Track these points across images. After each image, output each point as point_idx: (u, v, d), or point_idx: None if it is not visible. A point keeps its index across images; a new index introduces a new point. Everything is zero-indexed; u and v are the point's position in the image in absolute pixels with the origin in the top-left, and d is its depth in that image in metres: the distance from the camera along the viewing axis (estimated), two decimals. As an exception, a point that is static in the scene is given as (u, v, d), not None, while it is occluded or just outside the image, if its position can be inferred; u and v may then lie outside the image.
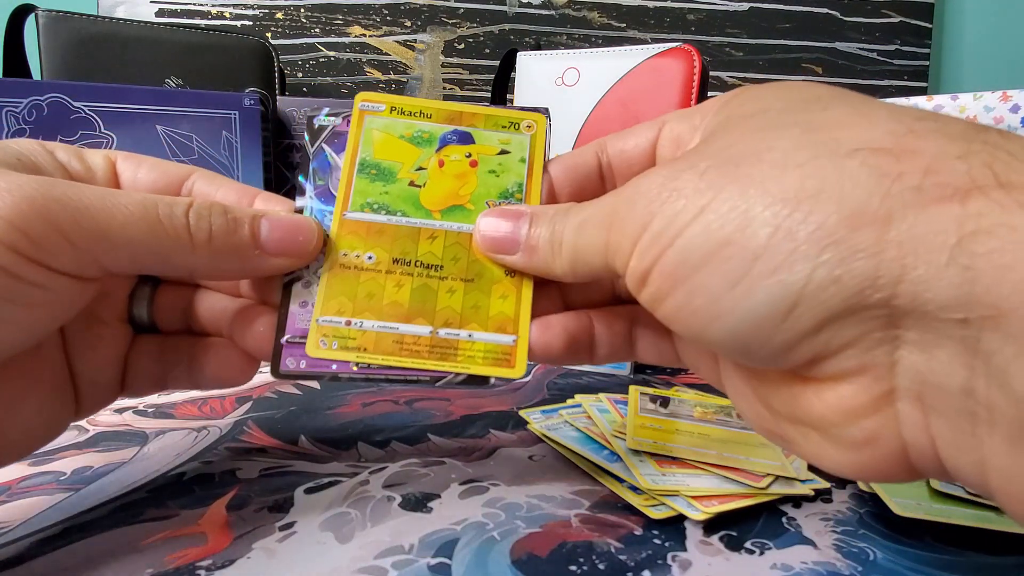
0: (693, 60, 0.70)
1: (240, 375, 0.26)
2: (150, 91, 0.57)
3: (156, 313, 0.26)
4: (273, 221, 0.23)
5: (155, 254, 0.21)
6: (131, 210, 0.20)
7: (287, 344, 0.24)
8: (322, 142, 0.26)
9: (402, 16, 0.93)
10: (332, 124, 0.26)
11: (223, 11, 0.89)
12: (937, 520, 0.25)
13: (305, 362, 0.23)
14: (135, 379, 0.26)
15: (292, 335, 0.24)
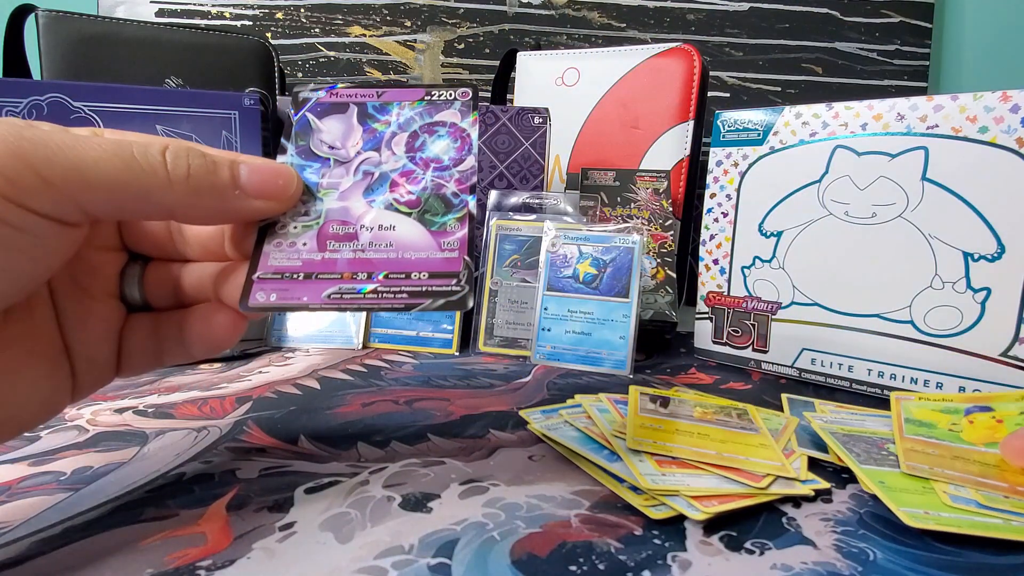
0: (693, 60, 0.71)
1: (226, 333, 0.26)
2: (150, 91, 0.57)
3: (147, 291, 0.27)
4: (252, 165, 0.23)
5: (133, 192, 0.21)
6: (105, 147, 0.20)
7: (258, 280, 0.24)
8: (305, 111, 0.28)
9: (402, 16, 0.93)
10: (315, 96, 0.28)
11: (223, 11, 0.89)
12: (947, 530, 0.25)
13: (276, 295, 0.24)
14: (131, 356, 0.26)
15: (264, 271, 0.24)
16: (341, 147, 0.27)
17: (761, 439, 0.33)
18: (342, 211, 0.25)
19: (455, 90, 0.28)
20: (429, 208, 0.25)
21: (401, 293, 0.23)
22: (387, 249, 0.24)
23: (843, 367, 0.46)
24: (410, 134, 0.27)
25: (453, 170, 0.26)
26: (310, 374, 0.47)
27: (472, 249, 0.25)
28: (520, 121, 0.67)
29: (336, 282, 0.24)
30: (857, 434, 0.34)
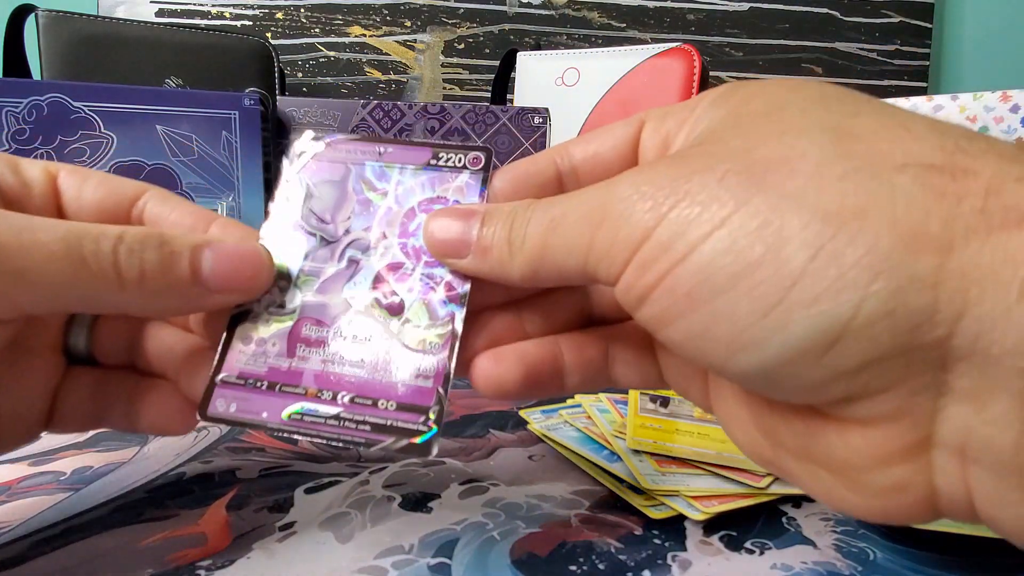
0: (693, 60, 0.71)
1: (180, 425, 0.23)
2: (150, 91, 0.57)
3: (95, 344, 0.24)
4: (218, 252, 0.20)
5: (79, 296, 0.19)
6: (52, 248, 0.17)
7: (221, 384, 0.21)
8: (300, 168, 0.24)
9: (402, 16, 0.93)
10: (313, 149, 0.24)
11: (223, 11, 0.89)
12: (950, 532, 0.25)
13: (236, 405, 0.21)
14: (64, 415, 0.23)
15: (228, 374, 0.21)
16: (330, 222, 0.23)
17: (761, 439, 0.33)
18: (319, 308, 0.22)
19: (466, 154, 0.23)
20: (412, 317, 0.22)
21: (364, 424, 0.20)
22: (358, 364, 0.21)
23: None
24: (406, 212, 0.23)
25: (446, 269, 0.22)
26: (310, 374, 0.47)
27: (448, 380, 0.21)
28: (520, 121, 0.67)
29: (299, 399, 0.21)
30: (857, 434, 0.34)
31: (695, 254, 0.15)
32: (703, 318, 0.15)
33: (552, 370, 0.21)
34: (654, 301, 0.16)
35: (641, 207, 0.16)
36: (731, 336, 0.15)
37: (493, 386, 0.21)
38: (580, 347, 0.22)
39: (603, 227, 0.17)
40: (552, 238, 0.18)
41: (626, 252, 0.16)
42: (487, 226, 0.20)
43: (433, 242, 0.21)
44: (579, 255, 0.18)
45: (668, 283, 0.16)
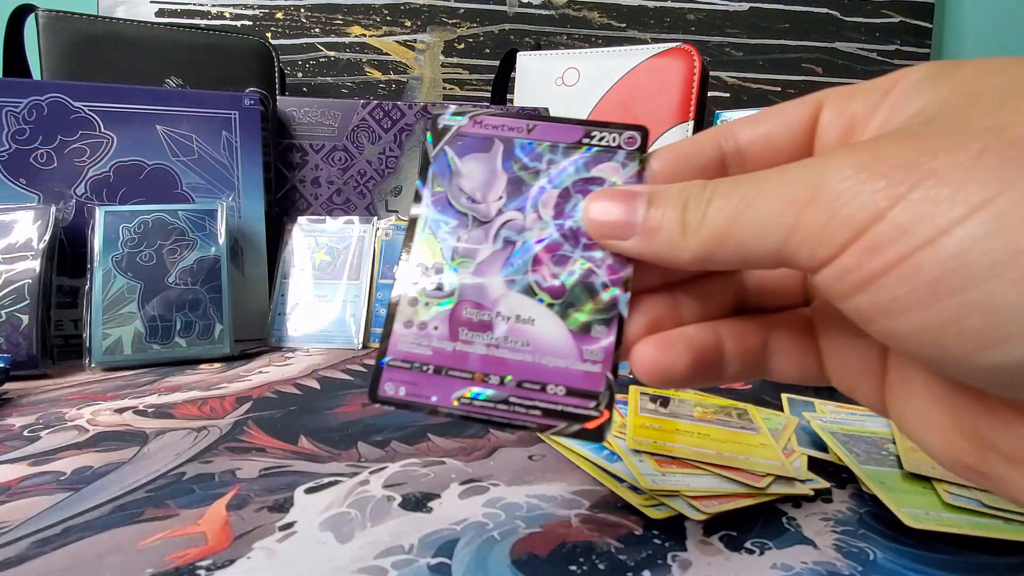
0: (693, 60, 0.71)
1: None
2: (150, 91, 0.57)
3: None
4: None
5: None
6: None
7: (387, 367, 0.21)
8: (444, 144, 0.23)
9: (402, 16, 0.93)
10: (457, 124, 0.23)
11: (223, 11, 0.89)
12: (948, 531, 0.25)
13: (404, 389, 0.21)
14: None
15: (393, 357, 0.21)
16: (482, 200, 0.23)
17: (761, 439, 0.33)
18: (477, 290, 0.22)
19: (620, 134, 0.22)
20: (574, 301, 0.21)
21: (534, 409, 0.20)
22: (523, 349, 0.21)
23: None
24: (561, 192, 0.22)
25: (606, 252, 0.21)
26: (310, 374, 0.47)
27: (616, 364, 0.20)
28: (520, 121, 0.67)
29: (467, 383, 0.21)
30: (857, 434, 0.34)
31: (947, 238, 0.13)
32: (949, 309, 0.14)
33: (715, 358, 0.21)
34: (881, 288, 0.15)
35: (872, 186, 0.14)
36: (986, 328, 0.13)
37: (662, 373, 0.20)
38: (740, 334, 0.21)
39: (814, 206, 0.15)
40: (742, 218, 0.17)
41: (847, 234, 0.15)
42: (655, 207, 0.19)
43: (594, 224, 0.20)
44: (776, 236, 0.16)
45: (905, 269, 0.14)
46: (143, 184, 0.57)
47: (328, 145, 0.67)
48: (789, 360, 0.21)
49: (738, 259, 0.17)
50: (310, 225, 0.62)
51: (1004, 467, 0.16)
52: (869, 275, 0.15)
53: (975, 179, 0.13)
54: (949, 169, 0.14)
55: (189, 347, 0.50)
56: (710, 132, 0.21)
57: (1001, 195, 0.13)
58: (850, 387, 0.20)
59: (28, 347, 0.46)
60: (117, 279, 0.50)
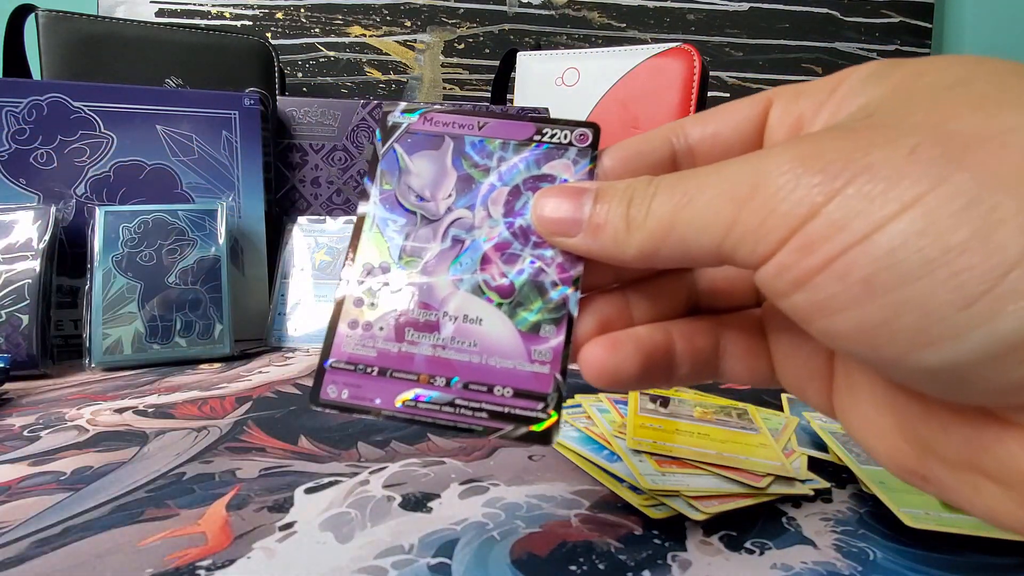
0: (693, 60, 0.71)
1: None
2: (150, 91, 0.57)
3: None
4: None
5: None
6: None
7: (331, 369, 0.21)
8: (394, 142, 0.23)
9: (402, 16, 0.93)
10: (407, 121, 0.23)
11: (223, 11, 0.89)
12: (948, 531, 0.25)
13: (348, 392, 0.21)
14: None
15: (337, 359, 0.21)
16: (431, 199, 0.22)
17: (761, 439, 0.33)
18: (425, 290, 0.21)
19: (572, 131, 0.22)
20: (523, 300, 0.21)
21: (480, 411, 0.20)
22: (470, 349, 0.21)
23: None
24: (511, 189, 0.22)
25: (556, 250, 0.21)
26: (310, 374, 0.47)
27: (566, 364, 0.20)
28: (520, 121, 0.67)
29: (412, 385, 0.20)
30: (857, 434, 0.34)
31: (880, 235, 0.13)
32: (882, 307, 0.14)
33: (665, 359, 0.20)
34: (816, 287, 0.14)
35: (807, 181, 0.14)
36: (919, 328, 0.13)
37: (608, 375, 0.19)
38: (691, 335, 0.21)
39: (753, 202, 0.15)
40: (683, 213, 0.17)
41: (783, 230, 0.15)
42: (600, 203, 0.19)
43: (542, 221, 0.20)
44: (716, 233, 0.16)
45: (839, 267, 0.14)
46: (143, 184, 0.57)
47: (328, 145, 0.67)
48: (740, 361, 0.21)
49: (681, 256, 0.17)
50: (310, 225, 0.62)
51: (944, 472, 0.16)
52: (805, 273, 0.14)
53: (908, 175, 0.13)
54: (883, 164, 0.14)
55: (189, 347, 0.50)
56: (662, 129, 0.21)
57: (932, 192, 0.13)
58: (799, 389, 0.20)
59: (28, 347, 0.46)
60: (117, 279, 0.50)
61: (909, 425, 0.17)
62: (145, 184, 0.57)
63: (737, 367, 0.21)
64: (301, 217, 0.63)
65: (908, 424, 0.17)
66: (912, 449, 0.17)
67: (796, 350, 0.20)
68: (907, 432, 0.17)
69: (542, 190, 0.21)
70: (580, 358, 0.20)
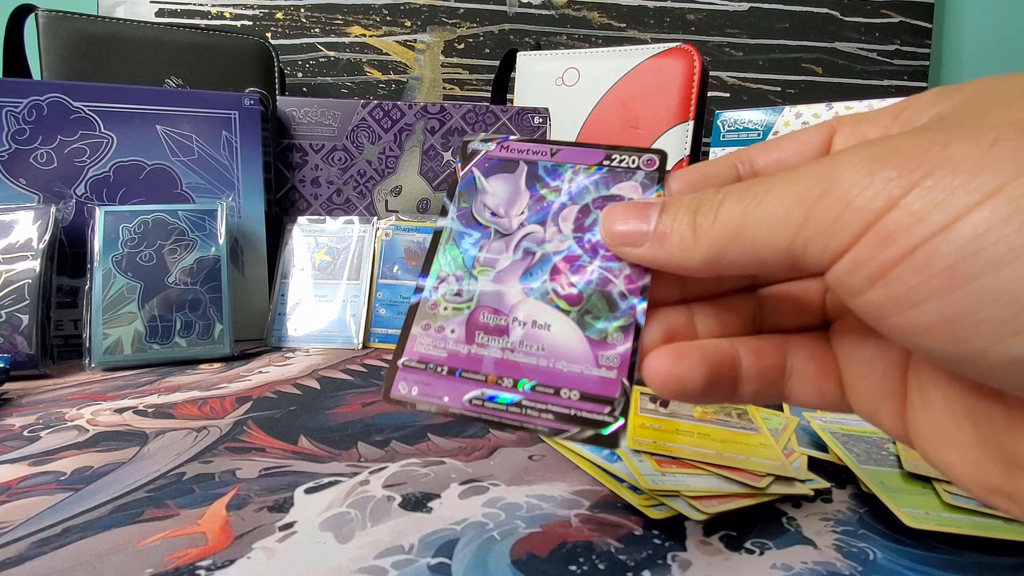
0: (693, 60, 0.71)
1: None
2: (150, 91, 0.57)
3: None
4: None
5: None
6: None
7: (403, 367, 0.22)
8: (472, 166, 0.25)
9: (402, 16, 0.93)
10: (485, 149, 0.25)
11: (223, 11, 0.89)
12: (948, 531, 0.25)
13: (418, 389, 0.22)
14: None
15: (409, 358, 0.22)
16: (504, 215, 0.24)
17: (761, 439, 0.33)
18: (496, 296, 0.22)
19: (639, 156, 0.23)
20: (591, 308, 0.21)
21: (547, 412, 0.20)
22: (538, 353, 0.21)
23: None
24: (581, 208, 0.23)
25: (624, 262, 0.22)
26: (310, 374, 0.47)
27: (633, 371, 0.20)
28: (520, 121, 0.67)
29: (479, 385, 0.21)
30: (857, 434, 0.34)
31: (961, 224, 0.13)
32: (965, 297, 0.13)
33: (731, 373, 0.20)
34: (895, 280, 0.14)
35: (884, 175, 0.14)
36: (1004, 318, 0.13)
37: (674, 384, 0.19)
38: (759, 352, 0.20)
39: (826, 199, 0.15)
40: (752, 215, 0.17)
41: (859, 224, 0.14)
42: (667, 213, 0.19)
43: (610, 233, 0.21)
44: (787, 232, 0.16)
45: (920, 257, 0.14)
46: (143, 184, 0.57)
47: (328, 145, 0.67)
48: (808, 383, 0.21)
49: (749, 259, 0.17)
50: (310, 225, 0.62)
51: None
52: (882, 266, 0.14)
53: (989, 166, 0.13)
54: (962, 158, 0.13)
55: (189, 347, 0.50)
56: (728, 156, 0.21)
57: (1015, 180, 0.13)
58: (871, 412, 0.20)
59: (28, 347, 0.46)
60: (117, 279, 0.50)
61: (992, 435, 0.16)
62: (145, 184, 0.57)
63: (805, 388, 0.21)
64: (301, 217, 0.63)
65: (991, 435, 0.16)
66: (996, 464, 0.16)
67: (868, 368, 0.20)
68: (990, 444, 0.16)
69: (610, 205, 0.22)
70: (645, 366, 0.20)
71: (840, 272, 0.15)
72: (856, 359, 0.20)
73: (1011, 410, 0.15)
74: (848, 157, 0.15)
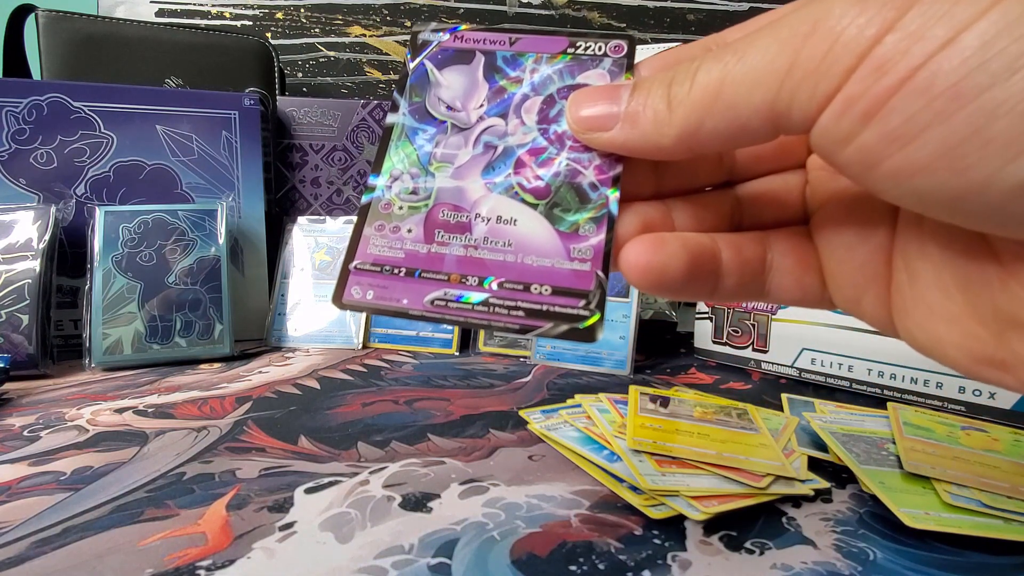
0: (693, 60, 0.71)
1: None
2: (150, 91, 0.57)
3: None
4: None
5: None
6: None
7: (355, 271, 0.20)
8: (424, 57, 0.23)
9: (402, 16, 0.93)
10: (437, 39, 0.23)
11: (223, 11, 0.89)
12: (947, 530, 0.25)
13: (373, 292, 0.20)
14: None
15: (362, 260, 0.21)
16: (461, 108, 0.22)
17: (761, 439, 0.33)
18: (455, 193, 0.21)
19: (606, 43, 0.22)
20: (560, 200, 0.20)
21: (516, 310, 0.19)
22: (504, 249, 0.20)
23: (843, 367, 0.46)
24: (545, 98, 0.22)
25: (594, 152, 0.20)
26: (310, 374, 0.47)
27: (608, 263, 0.19)
28: (520, 121, 0.67)
29: (441, 284, 0.20)
30: (857, 434, 0.34)
31: (968, 34, 0.12)
32: (973, 115, 0.12)
33: (712, 265, 0.19)
34: (892, 112, 0.13)
35: (876, 1, 0.13)
36: (1013, 135, 0.12)
37: (654, 273, 0.18)
38: (738, 247, 0.20)
39: (813, 38, 0.14)
40: (732, 72, 0.15)
41: (851, 56, 0.13)
42: (639, 91, 0.18)
43: (577, 117, 0.20)
44: (770, 84, 0.14)
45: (921, 80, 0.12)
46: (143, 184, 0.57)
47: (328, 145, 0.67)
48: (788, 276, 0.20)
49: (730, 126, 0.16)
50: (310, 225, 0.62)
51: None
52: (877, 99, 0.13)
53: None
54: None
55: (189, 347, 0.50)
56: (701, 40, 0.20)
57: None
58: (854, 301, 0.19)
59: (28, 347, 0.46)
60: (117, 279, 0.50)
61: (985, 298, 0.15)
62: (145, 184, 0.57)
63: (786, 282, 0.20)
64: (301, 217, 0.63)
65: (983, 297, 0.15)
66: (988, 331, 0.15)
67: (851, 254, 0.19)
68: (982, 308, 0.15)
69: (577, 91, 0.20)
70: (623, 256, 0.19)
71: (829, 120, 0.14)
72: (837, 246, 0.19)
73: (1005, 265, 0.15)
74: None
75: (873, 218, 0.18)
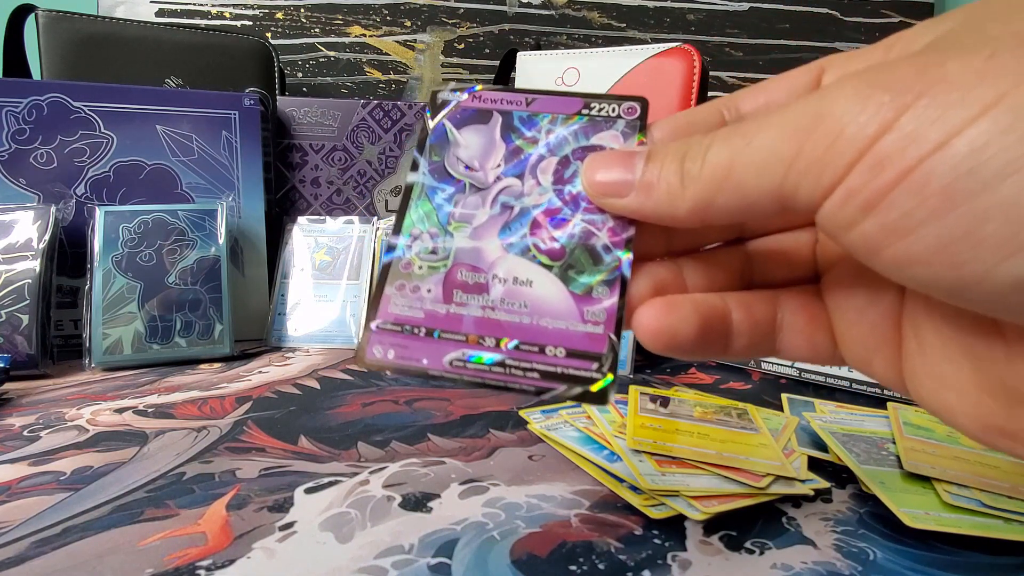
0: (693, 60, 0.70)
1: None
2: (150, 91, 0.57)
3: None
4: None
5: None
6: None
7: (377, 331, 0.21)
8: (443, 117, 0.24)
9: (402, 16, 0.93)
10: (456, 99, 0.24)
11: (223, 11, 0.89)
12: (948, 531, 0.25)
13: (394, 352, 0.21)
14: None
15: (383, 320, 0.21)
16: (479, 168, 0.23)
17: (761, 439, 0.33)
18: (473, 253, 0.22)
19: (620, 104, 0.22)
20: (574, 262, 0.21)
21: (532, 371, 0.20)
22: (520, 311, 0.21)
23: (843, 367, 0.46)
24: (560, 159, 0.22)
25: (607, 214, 0.21)
26: (310, 374, 0.47)
27: (620, 326, 0.20)
28: (520, 121, 0.67)
29: (460, 346, 0.20)
30: (857, 434, 0.34)
31: (959, 140, 0.12)
32: (964, 217, 0.13)
33: (723, 326, 0.19)
34: (889, 206, 0.13)
35: (876, 100, 0.13)
36: (1004, 236, 0.12)
37: (666, 337, 0.18)
38: (749, 306, 0.20)
39: (817, 132, 0.14)
40: (742, 156, 0.16)
41: (851, 152, 0.14)
42: (653, 162, 0.18)
43: (592, 184, 0.20)
44: (776, 171, 0.15)
45: (915, 179, 0.13)
46: (143, 184, 0.57)
47: (328, 145, 0.67)
48: (800, 335, 0.20)
49: (739, 204, 0.16)
50: (310, 225, 0.62)
51: None
52: (876, 192, 0.14)
53: (987, 79, 0.12)
54: (959, 73, 0.13)
55: (189, 347, 0.50)
56: (714, 102, 0.20)
57: (1015, 89, 0.12)
58: (865, 361, 0.19)
59: (28, 347, 0.46)
60: (117, 279, 0.50)
61: (992, 372, 0.15)
62: (145, 184, 0.57)
63: (797, 340, 0.20)
64: (301, 217, 0.63)
65: (991, 372, 0.15)
66: (997, 402, 0.15)
67: (861, 317, 0.19)
68: (990, 382, 0.16)
69: (592, 155, 0.21)
70: (635, 320, 0.19)
71: (832, 207, 0.15)
72: (848, 308, 0.19)
73: (1010, 343, 0.15)
74: (839, 87, 0.15)
75: (883, 283, 0.18)
